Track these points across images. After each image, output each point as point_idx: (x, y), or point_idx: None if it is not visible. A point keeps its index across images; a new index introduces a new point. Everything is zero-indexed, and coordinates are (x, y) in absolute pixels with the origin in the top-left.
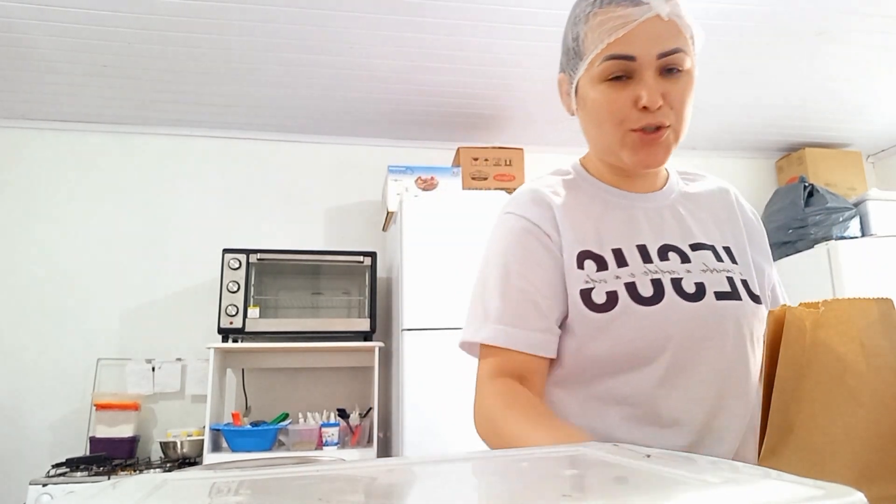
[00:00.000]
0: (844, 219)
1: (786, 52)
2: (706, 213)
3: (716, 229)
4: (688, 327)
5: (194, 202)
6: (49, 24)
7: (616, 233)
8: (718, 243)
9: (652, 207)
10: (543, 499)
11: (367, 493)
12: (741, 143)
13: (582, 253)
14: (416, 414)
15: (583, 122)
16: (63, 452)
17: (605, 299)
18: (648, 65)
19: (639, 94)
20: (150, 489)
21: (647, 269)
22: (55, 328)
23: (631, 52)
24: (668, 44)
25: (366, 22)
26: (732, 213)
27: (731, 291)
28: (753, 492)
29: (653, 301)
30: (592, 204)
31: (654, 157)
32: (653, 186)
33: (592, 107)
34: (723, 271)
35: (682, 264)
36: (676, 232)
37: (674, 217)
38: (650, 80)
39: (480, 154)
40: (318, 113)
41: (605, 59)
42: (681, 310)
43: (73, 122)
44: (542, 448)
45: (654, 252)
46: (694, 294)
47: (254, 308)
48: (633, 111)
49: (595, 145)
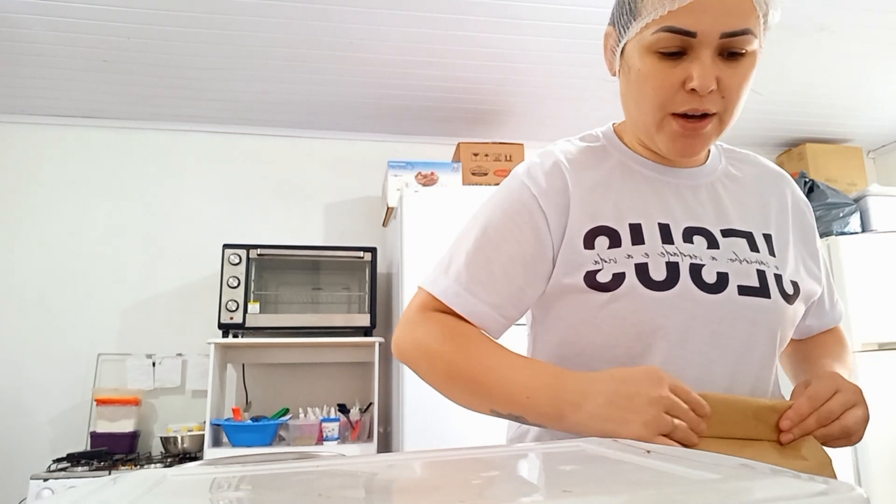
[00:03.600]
0: (845, 214)
1: (786, 48)
2: (752, 197)
3: (758, 215)
4: (699, 319)
5: (194, 197)
6: (48, 20)
7: (637, 207)
8: (758, 230)
9: (686, 185)
10: (544, 494)
11: (367, 489)
12: (741, 139)
13: (593, 230)
14: (416, 409)
15: (622, 90)
16: (64, 447)
17: (611, 278)
18: (708, 43)
19: (690, 73)
20: (150, 484)
21: (665, 251)
22: (55, 323)
23: (692, 27)
24: (736, 23)
25: (365, 17)
26: (783, 202)
27: (758, 287)
28: (755, 488)
29: (664, 286)
30: (617, 175)
31: (692, 149)
32: (692, 163)
33: (637, 78)
34: (755, 262)
35: (708, 250)
36: (709, 213)
37: (710, 197)
38: (707, 59)
39: (481, 149)
40: (319, 108)
41: (660, 30)
42: (693, 300)
43: (73, 118)
44: (543, 444)
45: (677, 233)
46: (714, 284)
47: (254, 303)
48: (680, 92)
49: (631, 119)
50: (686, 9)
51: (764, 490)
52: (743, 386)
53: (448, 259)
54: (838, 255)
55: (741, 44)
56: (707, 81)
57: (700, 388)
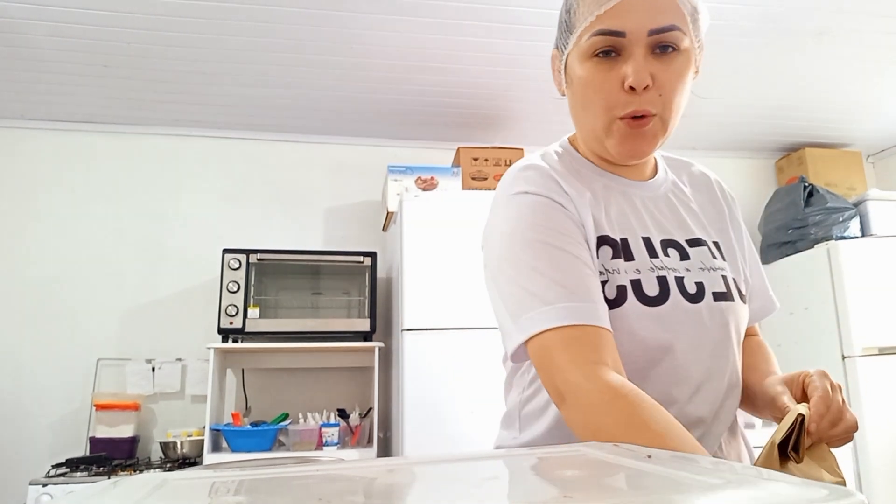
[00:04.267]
0: (844, 219)
1: (786, 52)
2: (696, 205)
3: (706, 222)
4: (691, 330)
5: (194, 202)
6: (48, 24)
7: (622, 221)
8: (709, 238)
9: (648, 196)
10: (545, 499)
11: (366, 494)
12: (741, 143)
13: (600, 238)
14: (416, 414)
15: (571, 103)
16: (63, 452)
17: (616, 294)
18: (638, 42)
19: (626, 72)
20: (150, 489)
21: (654, 265)
22: (55, 328)
23: (620, 28)
24: (661, 19)
25: (365, 22)
26: (718, 205)
27: (725, 292)
28: (756, 493)
29: (658, 301)
30: (594, 186)
31: (640, 149)
32: (644, 175)
33: (578, 85)
34: (718, 269)
35: (682, 262)
36: (674, 225)
37: (669, 209)
38: (639, 57)
39: (480, 154)
40: (318, 113)
41: (593, 34)
42: (684, 311)
43: (73, 122)
44: (543, 449)
45: (657, 246)
46: (695, 294)
47: (254, 308)
48: (622, 94)
49: (581, 128)
50: (613, 11)
51: (764, 495)
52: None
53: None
54: (838, 259)
55: (670, 39)
56: (642, 77)
57: (703, 393)
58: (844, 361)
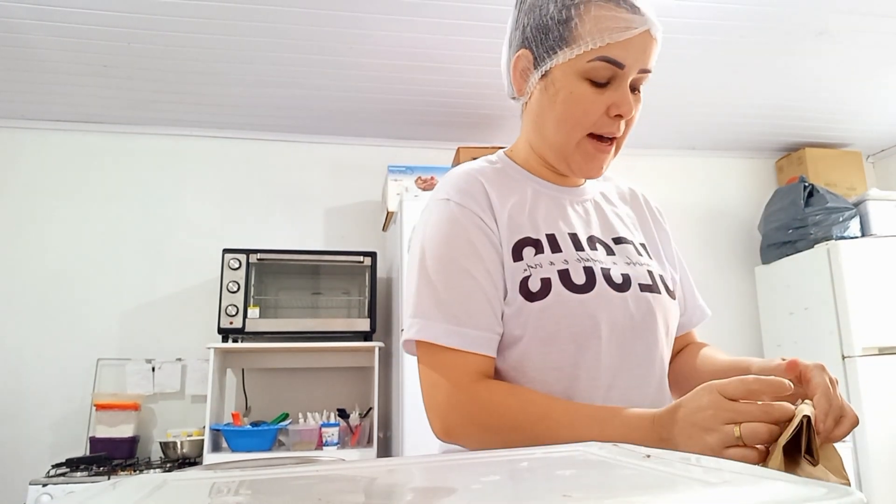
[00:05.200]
0: (844, 219)
1: (786, 52)
2: (622, 212)
3: (631, 228)
4: (617, 316)
5: (194, 202)
6: (48, 24)
7: (549, 219)
8: (636, 240)
9: (577, 200)
10: (543, 499)
11: (366, 494)
12: (741, 143)
13: (519, 242)
14: (416, 414)
15: (538, 111)
16: (63, 452)
17: (540, 286)
18: (629, 76)
19: (616, 101)
20: (150, 489)
21: (580, 257)
22: (55, 328)
23: (623, 60)
24: (649, 61)
25: (365, 22)
26: (642, 214)
27: (651, 284)
28: (753, 492)
29: (585, 289)
30: (528, 192)
31: (599, 169)
32: (576, 182)
33: (566, 101)
34: (644, 265)
35: (608, 256)
36: (600, 225)
37: (596, 212)
38: (627, 90)
39: (480, 154)
40: (318, 113)
41: (597, 59)
42: (609, 299)
43: (73, 122)
44: (542, 449)
45: (584, 242)
46: (621, 284)
47: (254, 308)
48: (604, 118)
49: (542, 138)
50: (620, 43)
51: (763, 494)
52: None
53: (425, 302)
54: (838, 259)
55: (643, 80)
56: (631, 108)
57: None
58: (844, 361)
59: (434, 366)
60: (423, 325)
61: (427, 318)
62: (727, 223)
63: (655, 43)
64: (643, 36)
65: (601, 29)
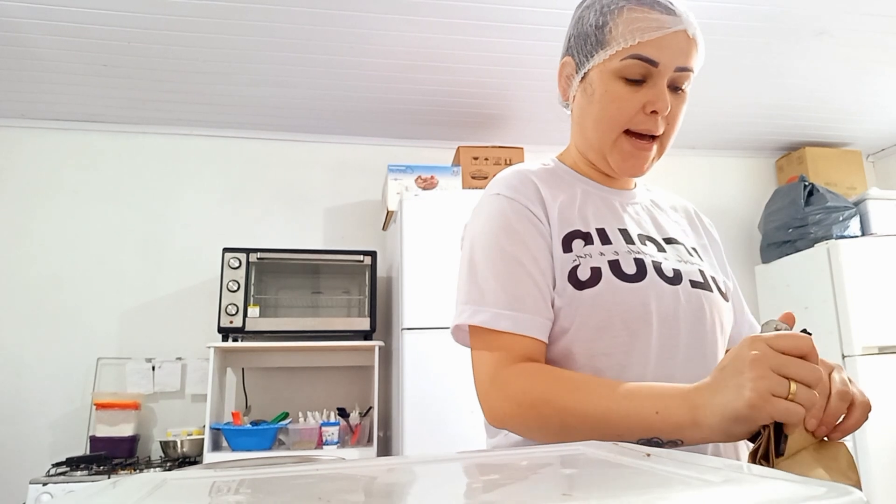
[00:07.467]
0: (844, 218)
1: (786, 52)
2: (673, 218)
3: (684, 232)
4: (669, 306)
5: (195, 201)
6: (49, 24)
7: (599, 215)
8: (687, 243)
9: (628, 202)
10: (543, 498)
11: (367, 493)
12: (741, 143)
13: (569, 235)
14: (416, 413)
15: (579, 112)
16: (63, 451)
17: (590, 275)
18: (665, 74)
19: (651, 98)
20: (150, 488)
21: (631, 249)
22: (55, 327)
23: (656, 58)
24: (687, 60)
25: (365, 22)
26: (695, 225)
27: (703, 282)
28: (754, 491)
29: (636, 279)
30: (574, 190)
31: (639, 167)
32: (627, 186)
33: (601, 99)
34: (695, 264)
35: (659, 253)
36: (651, 226)
37: (647, 214)
38: (663, 87)
39: (480, 153)
40: (319, 112)
41: (629, 57)
42: (661, 289)
43: (73, 122)
44: (543, 448)
45: (635, 238)
46: (673, 278)
47: (254, 307)
48: (640, 115)
49: (584, 139)
50: (653, 42)
51: (763, 494)
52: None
53: (476, 290)
54: (838, 258)
55: (684, 79)
56: (666, 104)
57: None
58: (844, 361)
59: (484, 349)
60: (474, 311)
61: (477, 304)
62: (727, 222)
63: (694, 43)
64: (678, 35)
65: (633, 29)
